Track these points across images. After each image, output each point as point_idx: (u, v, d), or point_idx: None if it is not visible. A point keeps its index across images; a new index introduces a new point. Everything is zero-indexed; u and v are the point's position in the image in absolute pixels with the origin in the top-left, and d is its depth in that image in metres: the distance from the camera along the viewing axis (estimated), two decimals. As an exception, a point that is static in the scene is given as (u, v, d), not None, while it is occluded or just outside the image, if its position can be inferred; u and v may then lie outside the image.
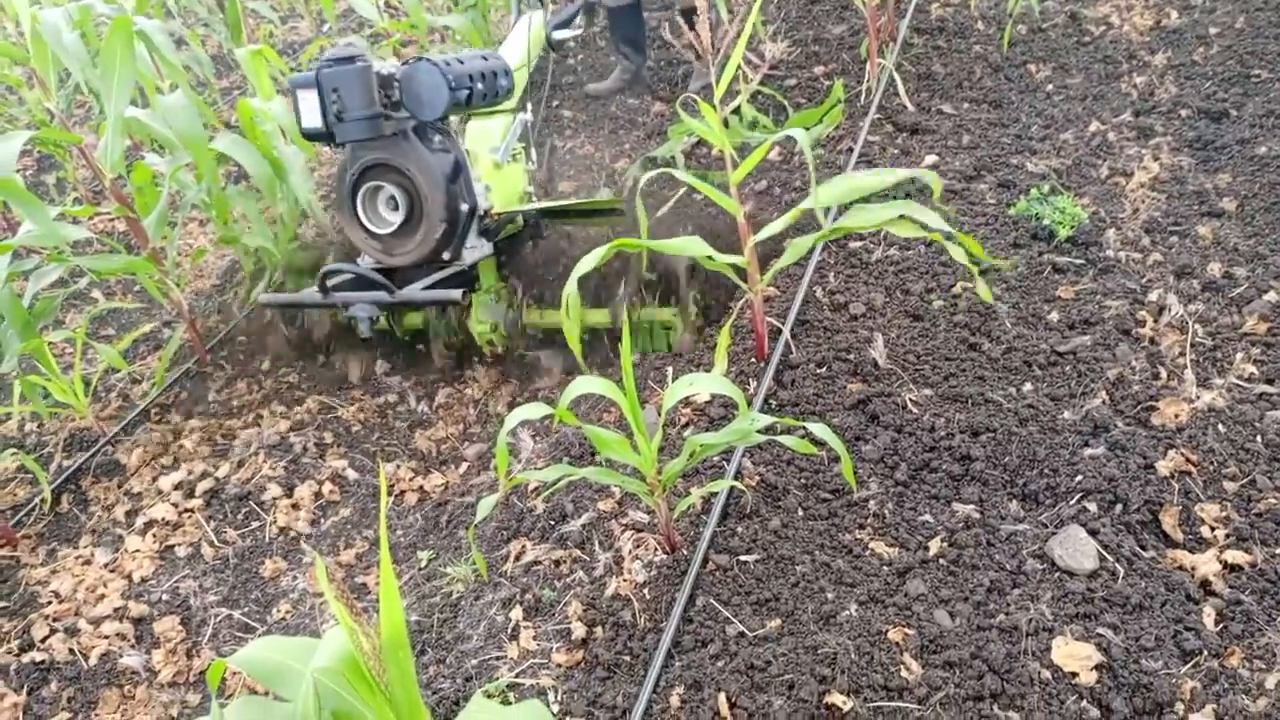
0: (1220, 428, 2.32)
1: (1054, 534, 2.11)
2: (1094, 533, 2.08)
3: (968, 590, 2.00)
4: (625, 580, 2.11)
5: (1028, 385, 2.58)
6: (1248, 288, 2.82)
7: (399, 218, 2.85)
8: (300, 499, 2.97)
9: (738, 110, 4.06)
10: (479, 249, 3.07)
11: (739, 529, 2.19)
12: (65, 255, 3.21)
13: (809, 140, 2.30)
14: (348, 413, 3.33)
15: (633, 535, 2.23)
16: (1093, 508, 2.16)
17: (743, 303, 2.75)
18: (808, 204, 2.33)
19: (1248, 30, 4.36)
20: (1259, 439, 2.28)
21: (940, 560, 2.09)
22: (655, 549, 2.18)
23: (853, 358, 2.70)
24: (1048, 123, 3.94)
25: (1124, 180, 3.49)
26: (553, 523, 2.38)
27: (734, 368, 2.73)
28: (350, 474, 3.08)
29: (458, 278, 3.00)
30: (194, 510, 2.97)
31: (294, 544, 2.84)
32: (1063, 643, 1.84)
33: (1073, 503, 2.18)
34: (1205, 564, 2.01)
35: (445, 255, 2.94)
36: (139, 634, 2.58)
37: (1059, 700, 1.75)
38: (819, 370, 2.69)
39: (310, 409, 3.36)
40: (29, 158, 5.83)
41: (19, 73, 5.28)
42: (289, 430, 3.26)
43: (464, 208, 2.91)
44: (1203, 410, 2.38)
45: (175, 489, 3.06)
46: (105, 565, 2.81)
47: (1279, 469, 2.22)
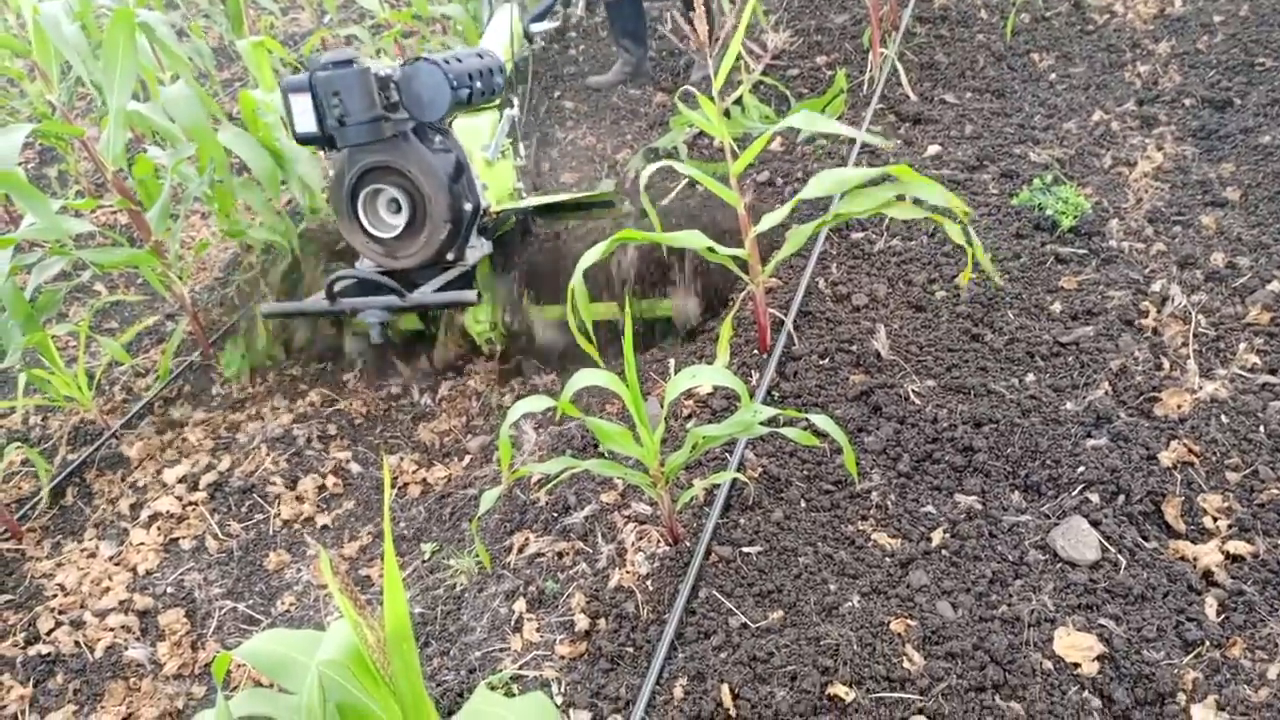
0: (1223, 418, 2.32)
1: (1056, 525, 2.11)
2: (1096, 523, 2.08)
3: (970, 581, 2.01)
4: (628, 572, 2.12)
5: (1030, 376, 2.58)
6: (1251, 278, 2.81)
7: (402, 220, 2.80)
8: (304, 492, 2.98)
9: (739, 101, 4.05)
10: (479, 248, 3.03)
11: (741, 521, 2.20)
12: (68, 248, 3.21)
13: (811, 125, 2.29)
14: (350, 405, 3.34)
15: (635, 527, 2.23)
16: (1095, 498, 2.16)
17: (745, 294, 2.74)
18: (805, 194, 2.33)
19: (1252, 18, 4.34)
20: (1262, 429, 2.28)
21: (942, 551, 2.09)
22: (658, 541, 2.18)
23: (855, 349, 2.70)
24: (1051, 112, 3.92)
25: (1127, 170, 3.47)
26: (556, 515, 2.38)
27: (736, 359, 2.73)
28: (353, 467, 3.08)
29: (462, 279, 2.96)
30: (198, 503, 2.98)
31: (298, 537, 2.85)
32: (1065, 633, 1.85)
33: (1075, 493, 2.19)
34: (1207, 555, 2.01)
35: (450, 256, 2.90)
36: (144, 627, 2.59)
37: (1061, 691, 1.76)
38: (821, 362, 2.69)
39: (313, 401, 3.37)
40: (31, 151, 5.83)
41: (20, 65, 5.26)
42: (292, 423, 3.27)
43: (467, 207, 2.87)
44: (1205, 401, 2.38)
45: (179, 482, 3.07)
46: (110, 558, 2.83)
47: (1282, 459, 2.22)
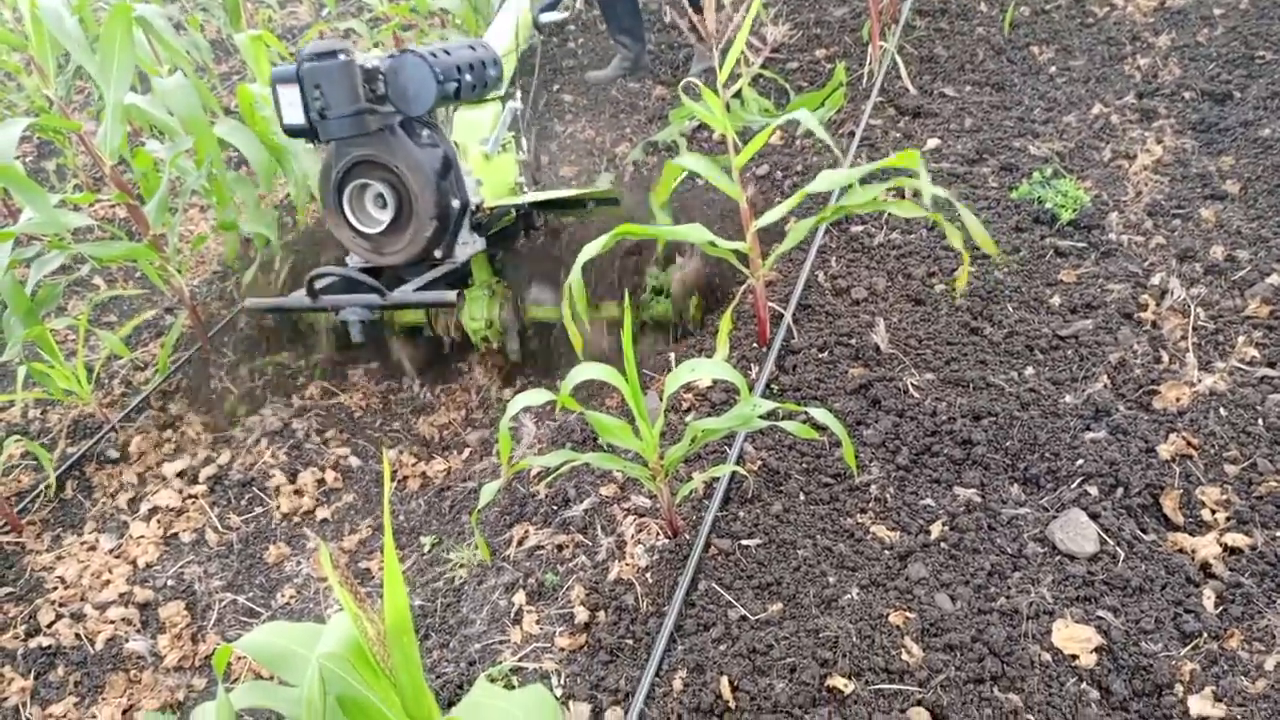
0: (1222, 411, 2.32)
1: (1055, 517, 2.12)
2: (1095, 516, 2.09)
3: (969, 574, 2.01)
4: (628, 564, 2.12)
5: (1029, 369, 2.59)
6: (1250, 271, 2.81)
7: (388, 216, 2.76)
8: (303, 485, 2.98)
9: (739, 94, 4.04)
10: (471, 245, 2.97)
11: (741, 513, 2.20)
12: (66, 242, 3.21)
13: (816, 121, 2.29)
14: (350, 399, 3.34)
15: (635, 520, 2.23)
16: (1094, 491, 2.16)
17: (745, 288, 2.74)
18: (811, 188, 2.33)
19: (1252, 11, 4.33)
20: (1260, 422, 2.28)
21: (941, 544, 2.10)
22: (657, 533, 2.19)
23: (854, 342, 2.70)
24: (1050, 105, 3.92)
25: (1126, 163, 3.47)
26: (555, 508, 2.38)
27: (736, 353, 2.73)
28: (353, 460, 3.09)
29: (450, 276, 2.91)
30: (198, 496, 2.99)
31: (297, 530, 2.86)
32: (1063, 625, 1.85)
33: (1074, 486, 2.19)
34: (1205, 547, 2.01)
35: (437, 253, 2.85)
36: (144, 619, 2.60)
37: (1059, 682, 1.76)
38: (821, 355, 2.69)
39: (313, 395, 3.37)
40: (28, 144, 5.82)
41: (18, 59, 5.26)
42: (291, 416, 3.27)
43: (455, 204, 2.82)
44: (1204, 394, 2.38)
45: (179, 475, 3.08)
46: (110, 551, 2.83)
47: (1280, 452, 2.22)
